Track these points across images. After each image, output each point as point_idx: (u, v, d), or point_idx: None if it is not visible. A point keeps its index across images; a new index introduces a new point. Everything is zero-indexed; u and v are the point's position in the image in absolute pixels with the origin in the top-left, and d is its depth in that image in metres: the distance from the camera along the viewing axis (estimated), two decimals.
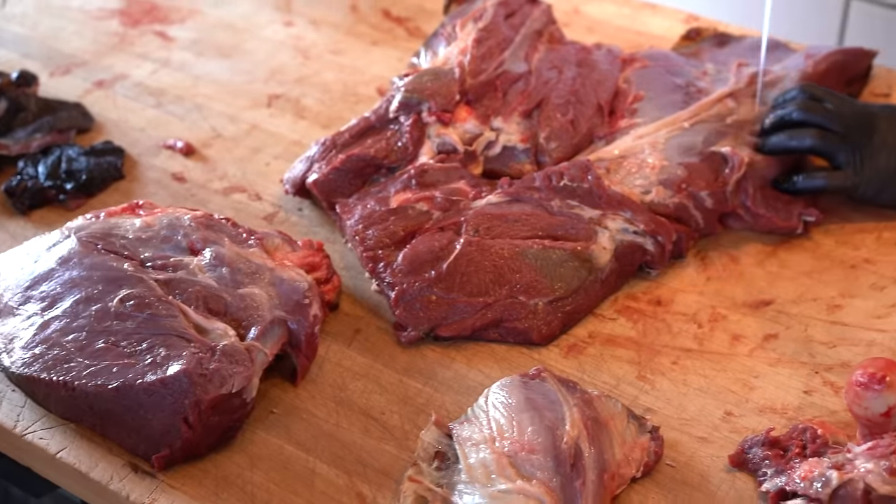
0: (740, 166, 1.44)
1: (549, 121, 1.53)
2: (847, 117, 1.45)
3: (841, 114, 1.46)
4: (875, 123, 1.45)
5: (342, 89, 1.73)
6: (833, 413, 1.22)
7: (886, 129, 1.44)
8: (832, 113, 1.45)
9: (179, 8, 1.93)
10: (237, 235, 1.35)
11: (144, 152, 1.62)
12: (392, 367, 1.30)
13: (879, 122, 1.45)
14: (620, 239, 1.38)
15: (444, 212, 1.40)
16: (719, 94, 1.55)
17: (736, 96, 1.55)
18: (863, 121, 1.45)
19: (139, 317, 1.22)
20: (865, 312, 1.34)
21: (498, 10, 1.65)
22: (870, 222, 1.46)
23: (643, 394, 1.26)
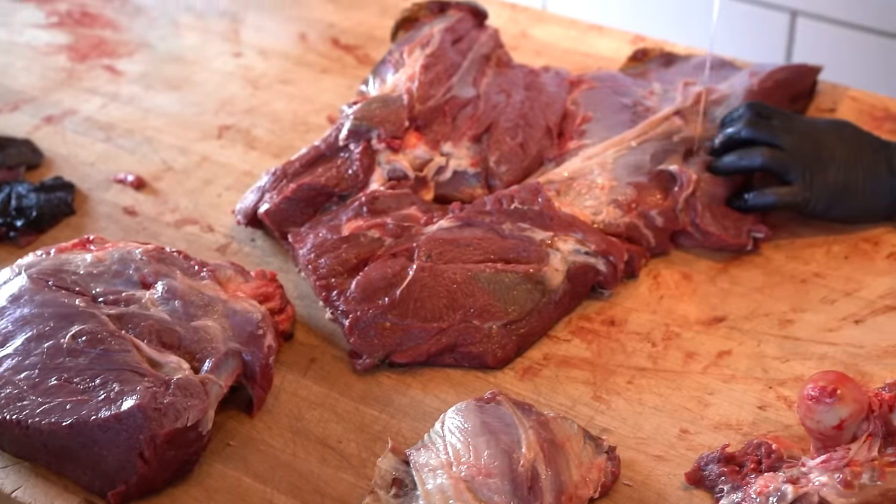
0: (689, 184, 1.46)
1: (498, 144, 1.54)
2: (794, 133, 1.47)
3: (788, 130, 1.47)
4: (822, 139, 1.46)
5: (292, 118, 1.74)
6: (787, 427, 1.23)
7: (833, 143, 1.46)
8: (779, 129, 1.47)
9: (128, 42, 1.93)
10: (189, 268, 1.35)
11: (95, 187, 1.61)
12: (348, 395, 1.30)
13: (826, 137, 1.47)
14: (572, 260, 1.39)
15: (396, 238, 1.41)
16: (666, 112, 1.56)
17: (683, 114, 1.56)
18: (810, 136, 1.47)
19: (92, 352, 1.21)
20: (817, 326, 1.35)
21: (445, 36, 1.65)
22: (819, 237, 1.47)
23: (599, 414, 1.26)
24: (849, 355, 1.31)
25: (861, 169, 1.45)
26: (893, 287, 1.39)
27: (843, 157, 1.45)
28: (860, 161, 1.45)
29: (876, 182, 1.45)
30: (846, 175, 1.45)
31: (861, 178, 1.45)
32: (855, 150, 1.46)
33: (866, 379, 1.28)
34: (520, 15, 1.95)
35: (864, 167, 1.45)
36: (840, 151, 1.45)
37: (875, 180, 1.45)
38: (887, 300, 1.37)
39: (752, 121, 1.48)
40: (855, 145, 1.47)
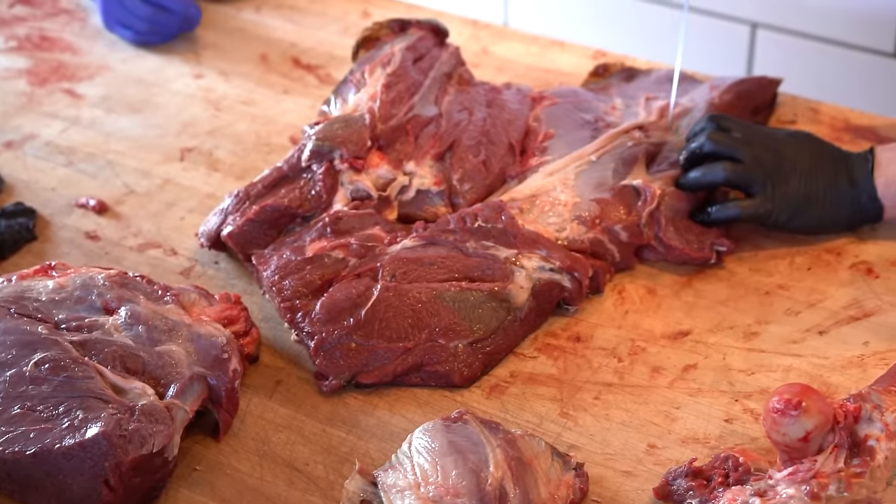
0: (653, 199, 1.46)
1: (461, 162, 1.54)
2: (756, 145, 1.47)
3: (750, 142, 1.48)
4: (784, 150, 1.47)
5: (255, 139, 1.73)
6: (754, 440, 1.23)
7: (795, 154, 1.47)
8: (741, 141, 1.48)
9: (87, 65, 1.92)
10: (153, 293, 1.34)
11: (57, 212, 1.60)
12: (315, 416, 1.29)
13: (788, 148, 1.47)
14: (537, 277, 1.39)
15: (360, 258, 1.40)
16: (625, 126, 1.57)
17: (645, 128, 1.57)
18: (772, 148, 1.47)
19: (55, 380, 1.20)
20: (781, 338, 1.36)
21: (406, 55, 1.65)
22: (782, 249, 1.48)
23: (566, 431, 1.26)
24: (813, 366, 1.32)
25: (822, 180, 1.46)
26: (856, 297, 1.40)
27: (804, 168, 1.46)
28: (821, 172, 1.46)
29: (837, 193, 1.46)
30: (808, 186, 1.45)
31: (822, 188, 1.45)
32: (816, 161, 1.47)
33: (831, 390, 1.29)
34: (481, 32, 1.96)
35: (825, 178, 1.46)
36: (801, 162, 1.46)
37: (836, 191, 1.46)
38: (850, 311, 1.38)
39: (714, 134, 1.49)
40: (816, 156, 1.47)
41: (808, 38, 2.55)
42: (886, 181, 1.44)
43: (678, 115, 1.60)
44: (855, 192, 1.45)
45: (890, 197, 1.45)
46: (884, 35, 2.46)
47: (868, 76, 2.39)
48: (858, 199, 1.45)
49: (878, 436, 1.12)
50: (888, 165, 1.45)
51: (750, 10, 2.61)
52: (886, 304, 1.39)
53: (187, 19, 1.94)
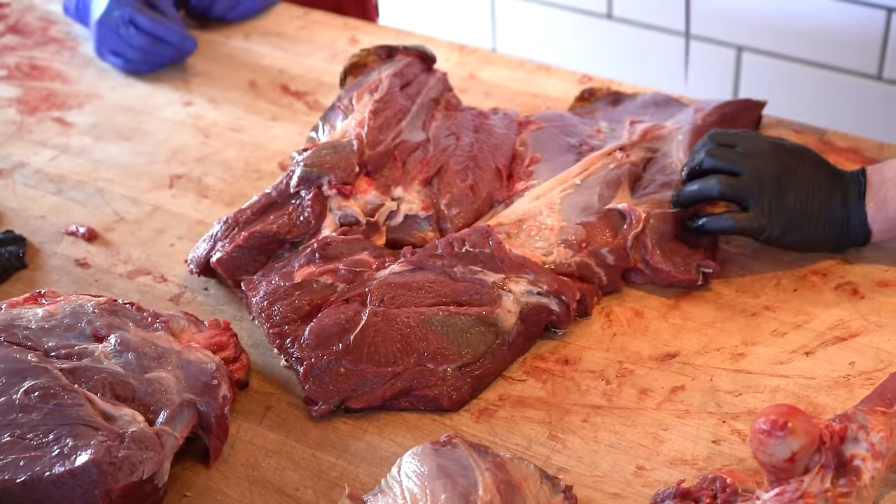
0: (638, 222, 1.47)
1: (449, 187, 1.55)
2: (755, 158, 1.46)
3: (750, 155, 1.46)
4: (783, 164, 1.46)
5: (244, 166, 1.74)
6: (742, 461, 1.24)
7: (794, 170, 1.46)
8: (740, 156, 1.46)
9: (77, 93, 1.93)
10: (142, 320, 1.35)
11: (46, 240, 1.61)
12: (304, 442, 1.30)
13: (788, 161, 1.46)
14: (525, 301, 1.39)
15: (349, 284, 1.41)
16: (608, 148, 1.58)
17: (627, 150, 1.58)
18: (771, 162, 1.46)
19: (45, 408, 1.21)
20: (768, 359, 1.36)
21: (393, 81, 1.66)
22: (768, 270, 1.49)
23: (555, 453, 1.27)
24: (800, 387, 1.32)
25: (818, 198, 1.45)
26: (842, 318, 1.41)
27: (801, 184, 1.45)
28: (817, 190, 1.45)
29: (830, 212, 1.45)
30: (803, 202, 1.45)
31: (817, 206, 1.45)
32: (813, 179, 1.46)
33: (818, 410, 1.29)
34: (468, 57, 1.97)
35: (821, 196, 1.45)
36: (799, 178, 1.46)
37: (830, 210, 1.45)
38: (836, 331, 1.39)
39: (713, 150, 1.48)
40: (814, 173, 1.46)
41: (794, 61, 2.57)
42: (876, 205, 1.44)
43: (660, 137, 1.61)
44: (846, 213, 1.45)
45: (879, 221, 1.45)
46: (868, 58, 2.48)
47: (853, 98, 2.42)
48: (849, 220, 1.45)
49: (864, 455, 1.13)
50: (878, 189, 1.45)
51: (736, 34, 2.64)
52: (872, 324, 1.40)
53: (181, 51, 1.96)
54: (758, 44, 2.61)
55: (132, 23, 1.92)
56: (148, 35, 1.92)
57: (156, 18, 1.93)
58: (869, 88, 2.48)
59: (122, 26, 1.92)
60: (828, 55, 2.54)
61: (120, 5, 1.93)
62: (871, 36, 2.46)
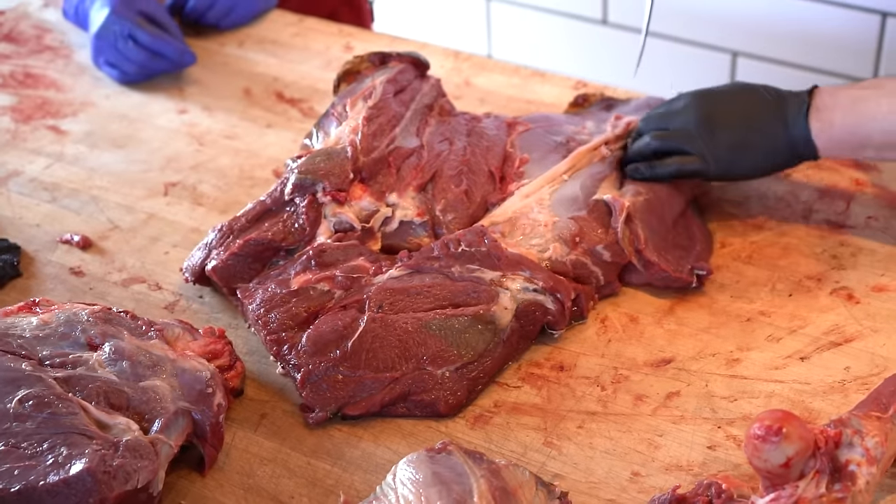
0: (622, 210, 1.47)
1: (443, 193, 1.55)
2: (682, 109, 1.54)
3: (677, 109, 1.55)
4: (710, 103, 1.53)
5: (238, 174, 1.74)
6: (737, 466, 1.24)
7: (725, 105, 1.52)
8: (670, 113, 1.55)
9: (72, 101, 1.93)
10: (137, 328, 1.35)
11: (41, 248, 1.61)
12: (299, 449, 1.29)
13: (715, 101, 1.53)
14: (521, 298, 1.39)
15: (346, 290, 1.41)
16: (595, 142, 1.59)
17: (610, 143, 1.59)
18: (697, 106, 1.53)
19: (39, 416, 1.20)
20: (763, 364, 1.36)
21: (387, 88, 1.66)
22: (762, 275, 1.49)
23: (551, 460, 1.27)
24: (795, 392, 1.32)
25: (756, 127, 1.50)
26: (837, 323, 1.41)
27: (733, 118, 1.51)
28: (755, 120, 1.50)
29: (772, 138, 1.50)
30: (742, 135, 1.50)
31: (756, 136, 1.50)
32: (748, 111, 1.51)
33: (813, 416, 1.29)
34: (463, 63, 1.97)
35: (759, 125, 1.50)
36: (731, 113, 1.52)
37: (771, 136, 1.50)
38: (831, 336, 1.39)
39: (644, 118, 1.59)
40: (748, 106, 1.52)
41: (789, 66, 2.57)
42: (822, 125, 1.47)
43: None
44: (789, 135, 1.49)
45: (824, 139, 1.48)
46: (863, 62, 2.48)
47: None
48: (793, 141, 1.49)
49: (859, 461, 1.12)
50: (828, 110, 1.48)
51: (730, 39, 2.64)
52: (867, 329, 1.40)
53: (179, 65, 1.96)
54: (752, 49, 2.62)
55: (131, 37, 1.92)
56: (146, 50, 1.92)
57: (155, 33, 1.93)
58: None
59: (121, 40, 1.92)
60: (823, 60, 2.54)
61: (119, 20, 1.92)
62: (866, 40, 2.47)
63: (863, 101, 1.47)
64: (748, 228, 1.57)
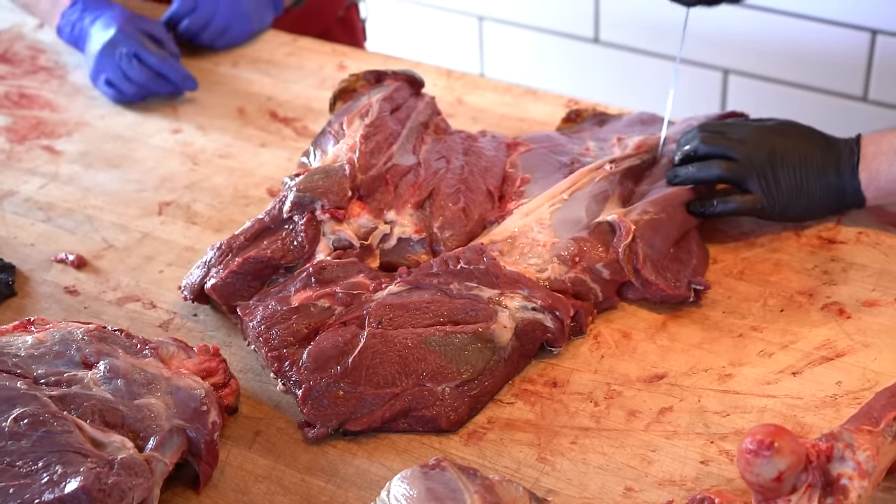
0: (628, 233, 1.48)
1: (441, 210, 1.55)
2: (747, 143, 1.54)
3: (741, 141, 1.54)
4: (774, 143, 1.53)
5: (233, 192, 1.75)
6: (730, 481, 1.24)
7: (785, 147, 1.53)
8: (733, 142, 1.54)
9: (66, 122, 1.93)
10: (131, 346, 1.35)
11: (36, 268, 1.61)
12: (294, 466, 1.30)
13: (777, 140, 1.54)
14: (520, 317, 1.40)
15: (346, 306, 1.41)
16: (596, 163, 1.60)
17: (617, 162, 1.59)
18: (762, 143, 1.54)
19: (34, 435, 1.21)
20: (755, 380, 1.37)
21: (383, 106, 1.67)
22: (754, 291, 1.50)
23: (544, 475, 1.27)
24: (788, 407, 1.33)
25: (812, 170, 1.52)
26: (829, 338, 1.42)
27: (794, 160, 1.52)
28: (810, 162, 1.52)
29: (825, 183, 1.52)
30: (798, 177, 1.52)
31: (813, 178, 1.52)
32: (805, 153, 1.53)
33: (805, 430, 1.30)
34: (455, 82, 1.98)
35: (815, 169, 1.52)
36: (791, 155, 1.53)
37: (824, 181, 1.52)
38: (823, 351, 1.40)
39: (707, 137, 1.56)
40: (805, 147, 1.53)
41: (780, 83, 2.59)
42: (870, 175, 1.51)
43: (649, 150, 1.63)
44: (840, 181, 1.52)
45: (871, 189, 1.51)
46: (853, 80, 2.50)
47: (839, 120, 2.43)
48: (844, 189, 1.52)
49: (850, 474, 1.13)
50: (872, 159, 1.51)
51: (722, 57, 2.66)
52: (858, 343, 1.40)
53: (180, 90, 1.97)
54: (744, 66, 2.63)
55: (136, 57, 1.93)
56: (150, 71, 1.93)
57: (160, 55, 1.94)
58: (854, 110, 2.50)
59: (125, 60, 1.93)
60: (813, 77, 2.56)
61: (126, 39, 1.93)
62: (855, 58, 2.48)
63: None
64: (740, 245, 1.58)
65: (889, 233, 1.57)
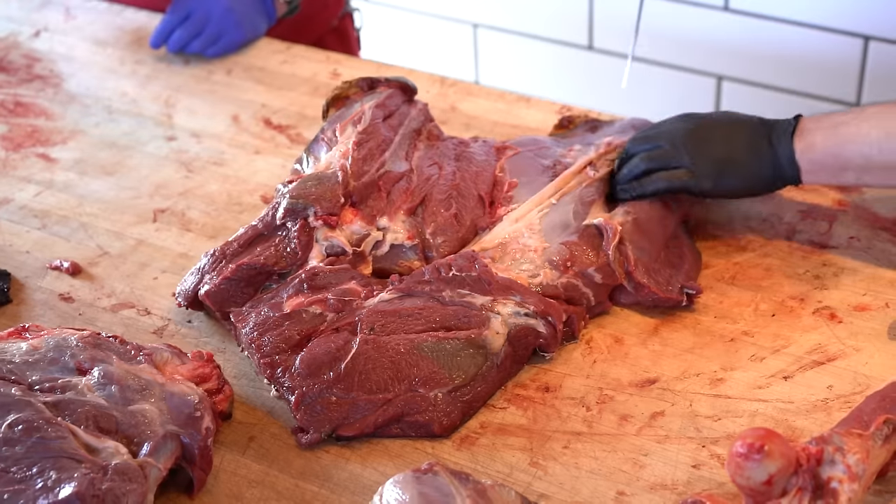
0: (615, 235, 1.48)
1: (433, 216, 1.56)
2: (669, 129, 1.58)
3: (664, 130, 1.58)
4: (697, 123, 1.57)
5: (227, 199, 1.75)
6: (721, 485, 1.25)
7: (710, 126, 1.56)
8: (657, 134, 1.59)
9: (61, 129, 1.94)
10: (125, 352, 1.36)
11: (31, 275, 1.62)
12: (287, 471, 1.30)
13: (701, 121, 1.57)
14: (513, 322, 1.40)
15: (338, 313, 1.42)
16: (579, 164, 1.61)
17: (595, 164, 1.60)
18: (684, 126, 1.57)
19: (28, 441, 1.21)
20: (747, 384, 1.38)
21: (376, 112, 1.68)
22: (746, 296, 1.50)
23: (536, 480, 1.28)
24: (779, 411, 1.34)
25: (741, 144, 1.53)
26: (820, 342, 1.42)
27: (720, 136, 1.54)
28: (740, 137, 1.54)
29: (757, 155, 1.53)
30: (727, 150, 1.53)
31: (742, 152, 1.53)
32: (734, 129, 1.55)
33: (797, 434, 1.30)
34: (448, 89, 1.99)
35: (745, 142, 1.53)
36: (718, 132, 1.55)
37: (756, 153, 1.53)
38: (814, 355, 1.40)
39: (633, 139, 1.61)
40: (733, 125, 1.56)
41: (773, 90, 2.59)
42: (805, 146, 1.51)
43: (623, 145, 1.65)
44: (774, 153, 1.52)
45: (805, 161, 1.51)
46: (846, 85, 2.50)
47: None
48: (778, 161, 1.52)
49: (840, 478, 1.13)
50: (808, 133, 1.51)
51: (715, 63, 2.66)
52: (849, 348, 1.41)
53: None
54: (737, 73, 2.64)
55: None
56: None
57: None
58: None
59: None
60: (806, 83, 2.56)
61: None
62: (848, 64, 2.49)
63: (843, 125, 1.50)
64: (731, 249, 1.58)
65: (880, 237, 1.58)
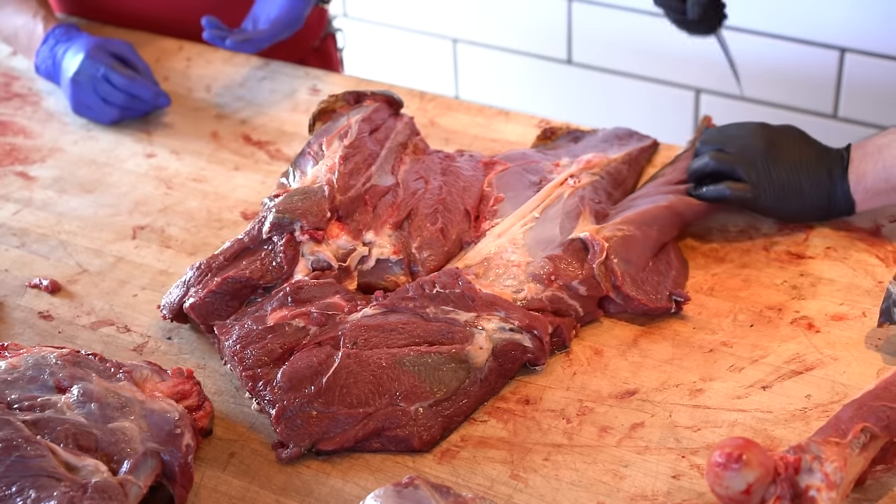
0: (602, 251, 1.49)
1: (419, 231, 1.56)
2: (743, 136, 1.62)
3: (737, 135, 1.62)
4: (770, 139, 1.59)
5: (206, 216, 1.75)
6: (701, 495, 1.25)
7: (781, 144, 1.59)
8: (729, 137, 1.62)
9: (40, 147, 1.94)
10: (105, 370, 1.35)
11: (10, 293, 1.61)
12: (268, 487, 1.30)
13: (774, 137, 1.60)
14: (498, 338, 1.41)
15: (321, 327, 1.42)
16: (560, 178, 1.62)
17: (577, 178, 1.61)
18: (758, 137, 1.60)
19: (7, 460, 1.21)
20: (726, 394, 1.38)
21: (362, 126, 1.68)
22: (724, 307, 1.51)
23: (517, 492, 1.28)
24: (758, 421, 1.34)
25: (805, 169, 1.57)
26: (798, 352, 1.43)
27: (788, 158, 1.58)
28: (804, 162, 1.58)
29: (817, 185, 1.57)
30: (791, 174, 1.57)
31: (805, 177, 1.57)
32: (799, 153, 1.58)
33: (776, 443, 1.31)
34: (428, 104, 1.99)
35: (808, 168, 1.57)
36: (786, 153, 1.58)
37: (816, 183, 1.57)
38: (792, 365, 1.41)
39: (705, 138, 1.65)
40: (800, 148, 1.59)
41: (750, 102, 2.61)
42: (857, 178, 1.55)
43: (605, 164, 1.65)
44: (832, 185, 1.56)
45: (859, 192, 1.56)
46: (823, 97, 2.52)
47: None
48: (834, 192, 1.56)
49: (818, 486, 1.14)
50: (859, 163, 1.56)
51: (694, 76, 2.68)
52: (827, 357, 1.42)
53: (155, 107, 1.98)
54: (715, 85, 2.66)
55: (106, 79, 1.94)
56: (123, 92, 1.94)
57: (130, 75, 1.95)
58: (825, 127, 2.53)
59: (99, 83, 1.93)
60: (783, 95, 2.58)
61: (94, 63, 1.94)
62: (825, 76, 2.51)
63: (887, 148, 1.54)
64: (710, 261, 1.59)
65: (857, 248, 1.59)
